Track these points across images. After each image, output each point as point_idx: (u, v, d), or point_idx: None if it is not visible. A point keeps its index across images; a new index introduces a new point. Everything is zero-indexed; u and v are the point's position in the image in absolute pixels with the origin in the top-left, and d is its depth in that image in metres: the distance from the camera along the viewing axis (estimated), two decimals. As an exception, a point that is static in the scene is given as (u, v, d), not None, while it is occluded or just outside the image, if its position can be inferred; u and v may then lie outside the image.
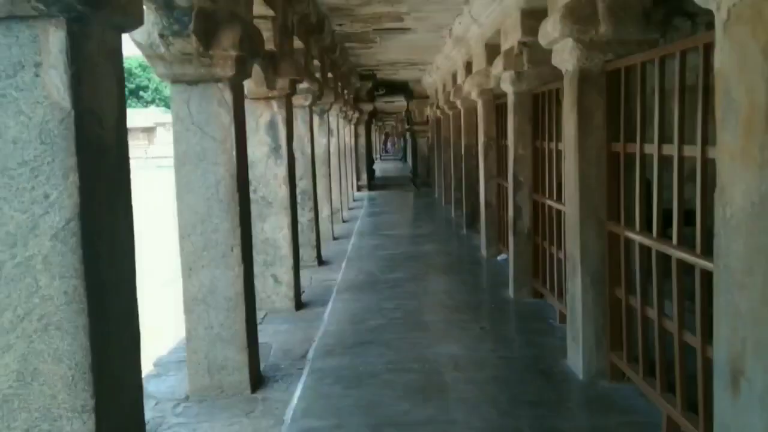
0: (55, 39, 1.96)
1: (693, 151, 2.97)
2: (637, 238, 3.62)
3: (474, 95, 8.15)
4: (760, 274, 2.10)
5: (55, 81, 1.97)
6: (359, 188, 19.39)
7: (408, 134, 24.92)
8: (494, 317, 5.92)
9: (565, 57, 4.04)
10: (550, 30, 4.06)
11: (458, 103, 10.07)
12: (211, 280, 4.09)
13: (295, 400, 4.02)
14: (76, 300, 2.03)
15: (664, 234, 3.37)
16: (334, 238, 10.26)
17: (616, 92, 3.90)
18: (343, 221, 12.40)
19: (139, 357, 2.41)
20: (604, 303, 4.07)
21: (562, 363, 4.43)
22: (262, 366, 4.53)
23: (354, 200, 16.53)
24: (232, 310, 4.12)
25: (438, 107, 14.03)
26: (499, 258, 8.00)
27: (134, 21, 2.32)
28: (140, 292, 2.39)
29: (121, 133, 2.27)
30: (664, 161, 3.32)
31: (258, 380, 4.33)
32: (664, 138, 3.33)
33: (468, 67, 9.11)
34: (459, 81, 10.00)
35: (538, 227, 6.04)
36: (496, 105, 7.82)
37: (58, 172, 1.99)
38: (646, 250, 3.58)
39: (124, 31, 2.34)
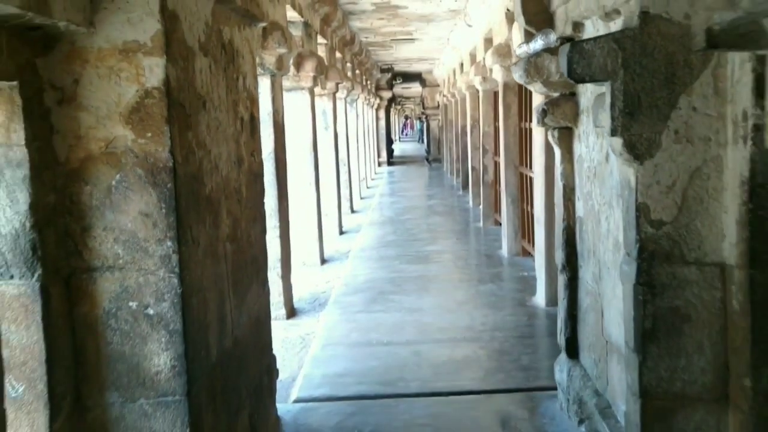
0: (266, 82, 5.18)
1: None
2: (528, 173, 6.78)
3: (464, 89, 11.25)
4: (543, 179, 5.27)
5: (266, 98, 5.19)
6: (380, 164, 22.56)
7: (423, 117, 27.93)
8: (466, 234, 9.14)
9: (496, 75, 7.18)
10: (488, 59, 7.18)
11: (456, 93, 13.17)
12: (300, 198, 7.32)
13: (346, 266, 7.28)
14: (273, 185, 5.27)
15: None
16: (361, 198, 13.49)
17: (522, 94, 7.03)
18: (368, 187, 15.63)
19: (289, 214, 5.65)
20: (518, 213, 7.24)
21: (499, 251, 7.63)
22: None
23: (375, 173, 19.74)
24: (311, 215, 7.36)
25: (444, 95, 17.12)
26: (480, 206, 11.14)
27: (286, 72, 5.54)
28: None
29: (284, 118, 5.50)
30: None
31: (324, 260, 7.59)
32: (538, 120, 6.46)
33: (462, 66, 12.19)
34: (456, 76, 13.08)
35: (497, 179, 9.20)
36: (478, 96, 10.90)
37: (268, 134, 5.22)
38: (528, 177, 6.74)
39: (283, 75, 5.56)
